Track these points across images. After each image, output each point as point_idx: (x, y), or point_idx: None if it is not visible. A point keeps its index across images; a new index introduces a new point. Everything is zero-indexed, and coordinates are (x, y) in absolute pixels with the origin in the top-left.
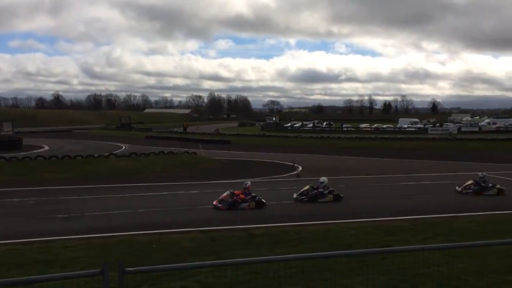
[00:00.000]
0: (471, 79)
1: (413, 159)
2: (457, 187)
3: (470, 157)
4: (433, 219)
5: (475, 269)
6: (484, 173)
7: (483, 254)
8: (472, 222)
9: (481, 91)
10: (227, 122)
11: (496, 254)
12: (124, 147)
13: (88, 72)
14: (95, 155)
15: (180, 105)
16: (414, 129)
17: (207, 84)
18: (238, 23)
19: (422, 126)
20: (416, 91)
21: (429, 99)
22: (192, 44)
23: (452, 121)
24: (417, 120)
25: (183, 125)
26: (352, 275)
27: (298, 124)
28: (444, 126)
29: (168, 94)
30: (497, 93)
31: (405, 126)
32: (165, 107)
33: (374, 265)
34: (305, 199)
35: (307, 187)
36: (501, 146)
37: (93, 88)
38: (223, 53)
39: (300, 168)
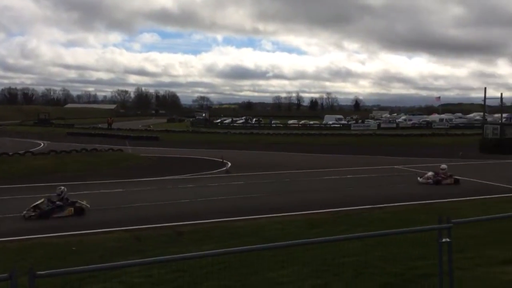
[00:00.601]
0: (389, 78)
1: (338, 154)
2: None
3: (389, 152)
4: (354, 211)
5: (390, 257)
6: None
7: (397, 242)
8: (388, 213)
9: (397, 89)
10: (155, 118)
11: (409, 242)
12: (42, 144)
13: (1, 64)
14: (10, 153)
15: (105, 100)
16: (339, 125)
17: (133, 79)
18: (163, 16)
19: (345, 122)
20: (340, 89)
21: (352, 97)
22: (115, 36)
23: (373, 118)
24: (341, 116)
25: (108, 121)
26: (279, 268)
27: (228, 120)
28: (365, 122)
29: (91, 89)
30: (412, 91)
31: (331, 122)
32: (89, 102)
33: (299, 257)
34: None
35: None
36: (416, 141)
37: (6, 81)
38: (149, 47)
39: (230, 164)
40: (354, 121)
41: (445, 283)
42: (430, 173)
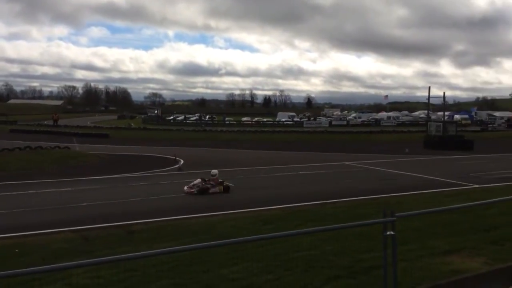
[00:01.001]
0: (339, 76)
1: (291, 150)
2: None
3: (340, 148)
4: (306, 206)
5: (339, 250)
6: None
7: (346, 236)
8: (338, 208)
9: (348, 87)
10: (105, 115)
11: (357, 235)
12: None
13: None
14: None
15: (51, 96)
16: (292, 122)
17: (81, 74)
18: (111, 10)
19: (298, 119)
20: (292, 86)
21: (304, 95)
22: (61, 30)
23: (325, 115)
24: (294, 114)
25: (53, 117)
26: (231, 265)
27: (180, 117)
28: (317, 119)
29: (36, 84)
30: (361, 90)
31: (284, 119)
32: (33, 98)
33: (252, 253)
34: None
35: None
36: (365, 138)
37: None
38: (97, 42)
39: (182, 161)
40: (306, 119)
41: (389, 274)
42: (197, 180)
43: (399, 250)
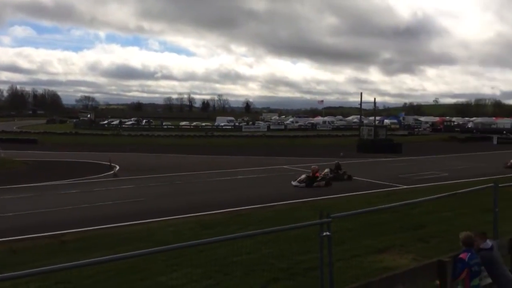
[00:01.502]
0: (275, 81)
1: (230, 155)
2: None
3: (278, 152)
4: (245, 210)
5: (279, 253)
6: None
7: (285, 239)
8: (277, 211)
9: (284, 92)
10: (33, 119)
11: (295, 237)
12: None
13: None
14: None
15: None
16: (230, 127)
17: (4, 76)
18: (36, 9)
19: (237, 124)
20: (230, 91)
21: (242, 99)
22: None
23: (263, 120)
24: (232, 118)
25: None
26: (170, 271)
27: (116, 122)
28: (256, 124)
29: None
30: (297, 95)
31: (222, 124)
32: None
33: (192, 259)
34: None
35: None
36: (302, 142)
37: None
38: (22, 42)
39: (118, 167)
40: (245, 123)
41: (326, 275)
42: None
43: (335, 250)
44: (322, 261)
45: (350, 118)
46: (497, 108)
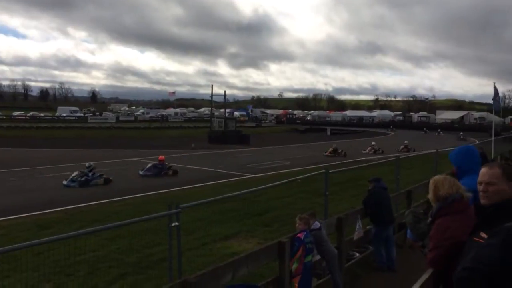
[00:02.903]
0: (122, 70)
1: (75, 148)
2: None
3: (129, 145)
4: (90, 206)
5: (128, 248)
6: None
7: (134, 233)
8: (127, 205)
9: (132, 82)
10: None
11: (145, 231)
12: None
13: None
14: None
15: None
16: (74, 118)
17: None
18: None
19: (82, 115)
20: (72, 79)
21: (87, 88)
22: None
23: (111, 111)
24: (77, 108)
25: None
26: (2, 278)
27: None
28: (103, 115)
29: None
30: (146, 85)
31: (65, 114)
32: None
33: (28, 262)
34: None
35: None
36: (153, 134)
37: None
38: None
39: None
40: (91, 114)
41: (175, 265)
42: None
43: (186, 240)
44: (171, 251)
45: (202, 110)
46: (330, 102)
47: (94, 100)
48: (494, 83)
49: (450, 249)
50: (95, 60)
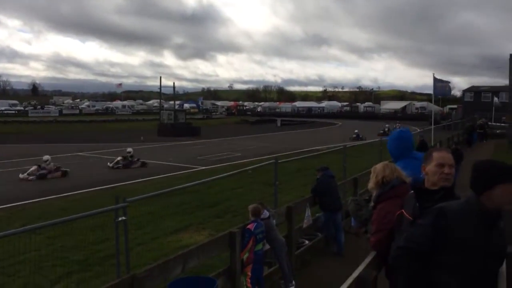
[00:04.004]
0: (63, 61)
1: (15, 143)
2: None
3: (73, 139)
4: (34, 204)
5: (74, 245)
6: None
7: (80, 230)
8: (73, 201)
9: (75, 74)
10: None
11: (92, 227)
12: None
13: None
14: None
15: None
16: (14, 112)
17: None
18: None
19: (22, 108)
20: (9, 70)
21: (27, 80)
22: None
23: (54, 104)
24: (16, 102)
25: None
26: None
27: None
28: (45, 108)
29: None
30: (90, 77)
31: (3, 108)
32: None
33: None
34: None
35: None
36: (100, 127)
37: None
38: None
39: None
40: (32, 107)
41: (123, 260)
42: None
43: (136, 235)
44: (118, 247)
45: (150, 102)
46: (280, 94)
47: (35, 93)
48: (434, 73)
49: (391, 232)
50: (33, 51)
